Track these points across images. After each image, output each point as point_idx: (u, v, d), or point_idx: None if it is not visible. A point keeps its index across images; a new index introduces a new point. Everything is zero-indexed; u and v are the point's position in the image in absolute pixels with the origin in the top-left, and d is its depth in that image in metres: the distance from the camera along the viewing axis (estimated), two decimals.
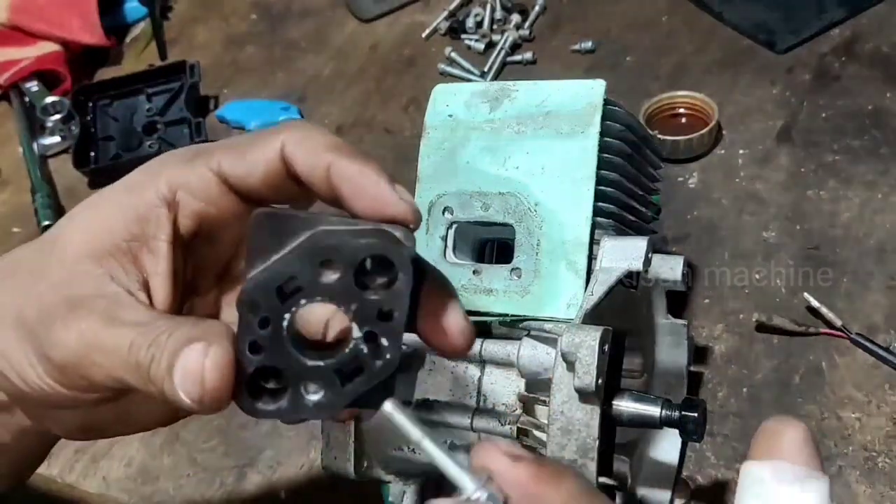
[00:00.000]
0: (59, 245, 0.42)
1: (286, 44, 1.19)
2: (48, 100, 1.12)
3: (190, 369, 0.36)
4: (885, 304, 0.75)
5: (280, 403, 0.37)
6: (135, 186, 0.42)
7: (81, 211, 0.43)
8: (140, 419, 0.47)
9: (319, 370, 0.36)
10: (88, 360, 0.39)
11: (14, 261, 0.44)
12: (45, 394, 0.41)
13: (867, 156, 0.86)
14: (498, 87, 0.60)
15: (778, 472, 0.35)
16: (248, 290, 0.36)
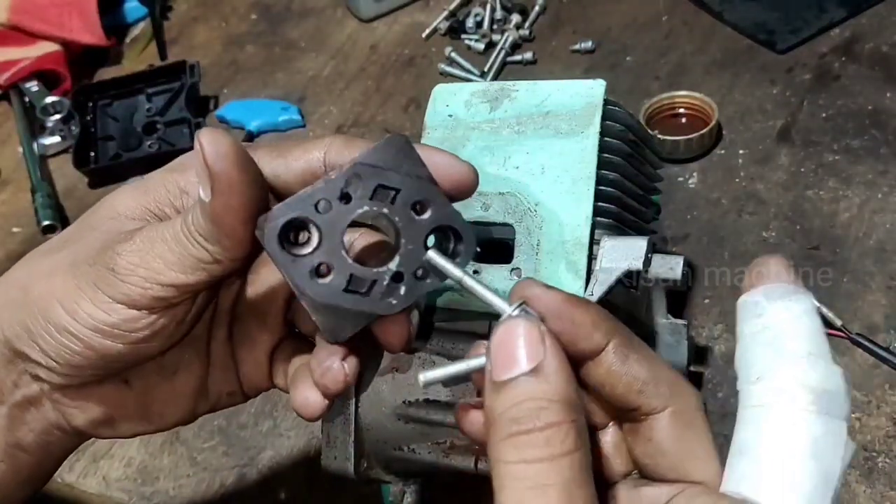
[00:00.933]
0: (104, 208, 0.46)
1: (286, 44, 1.19)
2: (48, 100, 1.12)
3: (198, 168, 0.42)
4: (885, 304, 0.75)
5: (305, 251, 0.39)
6: (178, 167, 0.47)
7: (126, 186, 0.47)
8: (162, 413, 0.49)
9: (344, 263, 0.40)
10: (151, 255, 0.42)
11: (60, 237, 0.47)
12: (103, 330, 0.43)
13: (867, 156, 0.86)
14: (498, 87, 0.60)
15: (769, 292, 0.39)
16: (363, 161, 0.39)
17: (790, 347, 0.37)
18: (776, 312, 0.38)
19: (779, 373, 0.37)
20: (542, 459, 0.34)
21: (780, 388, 0.37)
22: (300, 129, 1.06)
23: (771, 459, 0.36)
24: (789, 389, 0.36)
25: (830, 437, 0.36)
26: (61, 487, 0.79)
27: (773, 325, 0.38)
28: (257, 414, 0.79)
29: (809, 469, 0.35)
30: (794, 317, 0.38)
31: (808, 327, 0.37)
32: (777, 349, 0.37)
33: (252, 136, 1.06)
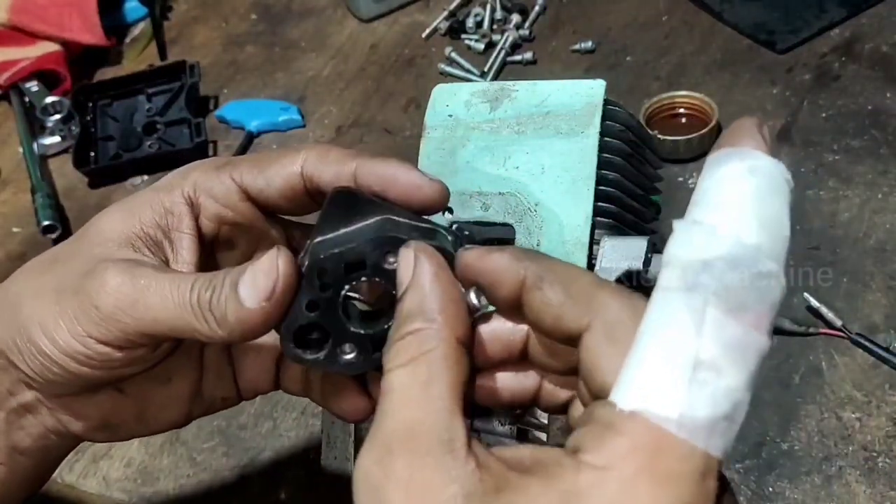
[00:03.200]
0: (92, 230, 0.46)
1: (286, 44, 1.19)
2: (48, 100, 1.12)
3: (261, 268, 0.41)
4: (885, 304, 0.75)
5: (318, 355, 0.42)
6: (164, 186, 0.47)
7: (114, 206, 0.47)
8: (157, 416, 0.49)
9: (359, 336, 0.42)
10: (141, 304, 0.42)
11: (51, 252, 0.48)
12: (78, 358, 0.43)
13: (867, 156, 0.86)
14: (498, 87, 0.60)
15: (727, 154, 0.33)
16: (318, 257, 0.41)
17: (701, 217, 0.32)
18: (710, 174, 0.33)
19: (674, 249, 0.33)
20: (396, 367, 0.36)
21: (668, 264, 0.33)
22: (300, 130, 1.07)
23: (655, 364, 0.32)
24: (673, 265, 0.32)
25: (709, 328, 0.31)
26: (61, 488, 0.79)
27: (703, 187, 0.33)
28: (257, 415, 0.79)
29: (686, 376, 0.30)
30: (723, 179, 0.33)
31: (737, 192, 0.32)
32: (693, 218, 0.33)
33: (252, 136, 1.07)
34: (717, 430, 0.30)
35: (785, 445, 0.68)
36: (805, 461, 0.67)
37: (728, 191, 0.32)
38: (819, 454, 0.68)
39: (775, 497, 0.66)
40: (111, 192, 1.06)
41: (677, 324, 0.31)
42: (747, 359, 0.31)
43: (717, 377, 0.30)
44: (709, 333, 0.30)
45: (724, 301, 0.31)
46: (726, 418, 0.30)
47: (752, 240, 0.31)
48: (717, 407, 0.30)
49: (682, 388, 0.30)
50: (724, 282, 0.31)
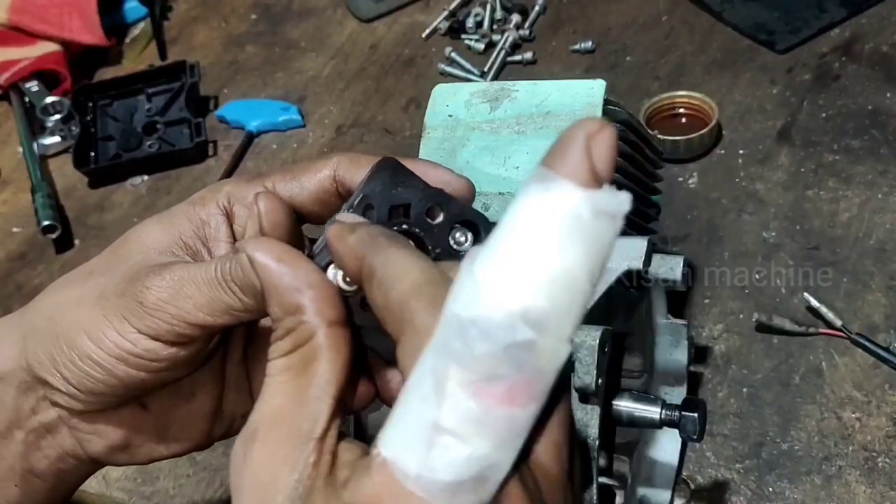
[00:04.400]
0: (131, 242, 0.48)
1: (286, 44, 1.19)
2: (48, 100, 1.12)
3: (251, 216, 0.43)
4: (884, 304, 0.75)
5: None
6: (199, 200, 0.48)
7: (151, 219, 0.48)
8: (178, 434, 0.50)
9: None
10: (181, 294, 0.43)
11: (85, 267, 0.49)
12: (126, 359, 0.44)
13: (867, 156, 0.86)
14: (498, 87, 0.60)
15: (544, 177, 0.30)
16: (369, 192, 0.41)
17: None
18: (513, 205, 0.30)
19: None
20: (287, 351, 0.37)
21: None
22: (300, 129, 1.07)
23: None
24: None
25: None
26: None
27: (501, 222, 0.30)
28: None
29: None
30: (518, 217, 0.29)
31: (525, 237, 0.29)
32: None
33: (252, 135, 1.07)
34: (461, 491, 0.29)
35: (785, 445, 0.68)
36: (805, 461, 0.67)
37: (517, 234, 0.29)
38: (819, 454, 0.68)
39: (775, 497, 0.66)
40: (111, 191, 1.06)
41: (423, 386, 0.30)
42: (498, 430, 0.29)
43: (461, 444, 0.29)
44: (447, 405, 0.29)
45: (469, 371, 0.29)
46: (474, 481, 0.29)
47: (516, 304, 0.28)
48: (459, 472, 0.29)
49: (421, 450, 0.30)
50: (472, 351, 0.29)
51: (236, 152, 1.05)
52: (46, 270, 0.98)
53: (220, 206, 0.48)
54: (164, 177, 1.06)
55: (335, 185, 0.47)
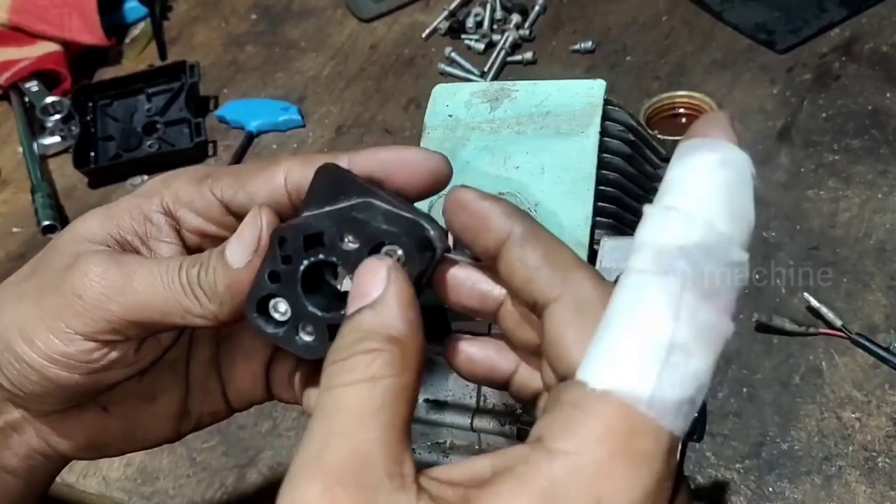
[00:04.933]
0: (67, 234, 0.45)
1: (286, 44, 1.19)
2: (48, 100, 1.12)
3: (246, 223, 0.41)
4: (885, 304, 0.75)
5: (277, 330, 0.41)
6: (145, 193, 0.46)
7: (92, 211, 0.46)
8: (145, 435, 0.49)
9: (317, 318, 0.40)
10: (128, 288, 0.41)
11: (29, 264, 0.46)
12: (57, 360, 0.42)
13: (867, 155, 0.86)
14: (498, 87, 0.60)
15: (693, 146, 0.35)
16: (282, 227, 0.41)
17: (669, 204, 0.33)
18: (682, 162, 0.34)
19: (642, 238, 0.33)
20: (350, 383, 0.33)
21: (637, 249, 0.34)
22: (300, 129, 1.07)
23: (618, 343, 0.32)
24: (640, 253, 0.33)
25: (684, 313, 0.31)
26: (61, 488, 0.79)
27: (674, 175, 0.34)
28: (257, 414, 0.79)
29: (659, 355, 0.31)
30: (695, 168, 0.34)
31: (709, 182, 0.33)
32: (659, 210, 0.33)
33: (252, 135, 1.07)
34: (682, 411, 0.31)
35: (785, 445, 0.68)
36: (805, 461, 0.67)
37: (700, 180, 0.33)
38: (819, 454, 0.68)
39: (775, 497, 0.66)
40: (111, 192, 1.06)
41: (653, 306, 0.31)
42: (715, 343, 0.31)
43: (688, 360, 0.31)
44: (684, 317, 0.31)
45: (699, 286, 0.31)
46: (690, 400, 0.31)
47: (724, 228, 0.32)
48: (685, 389, 0.30)
49: (654, 370, 0.30)
50: (699, 268, 0.31)
51: (236, 152, 1.05)
52: None
53: (163, 206, 0.45)
54: None
55: (288, 194, 0.43)
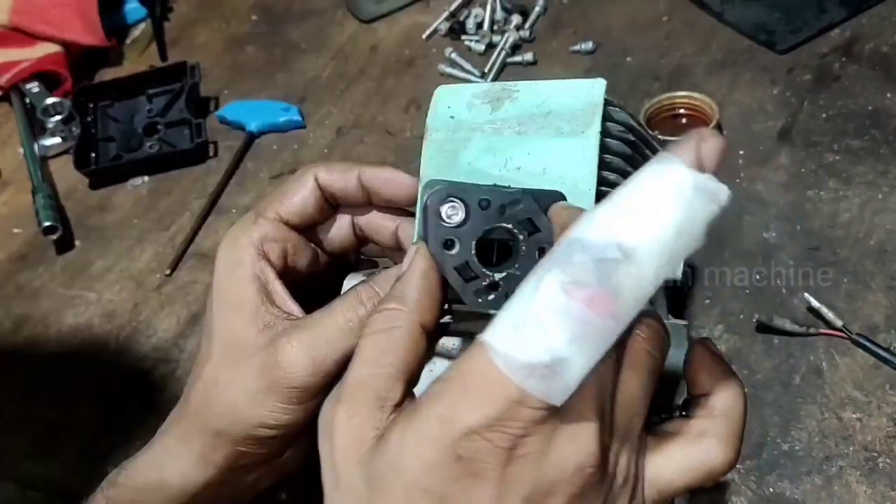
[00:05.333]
0: (215, 330, 0.53)
1: (287, 45, 1.19)
2: (49, 101, 1.12)
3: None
4: (885, 304, 0.75)
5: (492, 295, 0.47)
6: (235, 267, 0.53)
7: (219, 309, 0.54)
8: None
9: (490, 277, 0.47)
10: (324, 348, 0.50)
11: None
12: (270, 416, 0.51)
13: (867, 156, 0.86)
14: (500, 88, 0.60)
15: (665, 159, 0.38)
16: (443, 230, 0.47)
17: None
18: (637, 173, 0.37)
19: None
20: (368, 333, 0.44)
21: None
22: (301, 130, 1.07)
23: None
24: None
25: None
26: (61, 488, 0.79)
27: (626, 182, 0.37)
28: None
29: None
30: (637, 179, 0.37)
31: (636, 193, 0.36)
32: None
33: (253, 136, 1.07)
34: (534, 375, 0.35)
35: (785, 446, 0.69)
36: (805, 461, 0.67)
37: (631, 190, 0.37)
38: (819, 454, 0.68)
39: (776, 497, 0.66)
40: (112, 192, 1.06)
41: (529, 285, 0.36)
42: (572, 326, 0.35)
43: (542, 332, 0.35)
44: (540, 296, 0.35)
45: (564, 274, 0.35)
46: (545, 368, 0.35)
47: (614, 234, 0.36)
48: (536, 356, 0.35)
49: (511, 333, 0.36)
50: (571, 258, 0.36)
51: (237, 153, 1.05)
52: (47, 271, 0.98)
53: (254, 259, 0.53)
54: (165, 178, 1.06)
55: (321, 193, 0.55)
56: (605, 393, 0.39)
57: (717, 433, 0.43)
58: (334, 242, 0.58)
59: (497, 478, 0.37)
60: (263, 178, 1.03)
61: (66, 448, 0.81)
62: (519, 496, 0.37)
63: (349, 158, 1.02)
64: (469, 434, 0.37)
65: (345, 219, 0.58)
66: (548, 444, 0.37)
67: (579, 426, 0.38)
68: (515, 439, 0.37)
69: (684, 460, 0.42)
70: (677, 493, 0.43)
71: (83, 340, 0.90)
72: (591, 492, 0.38)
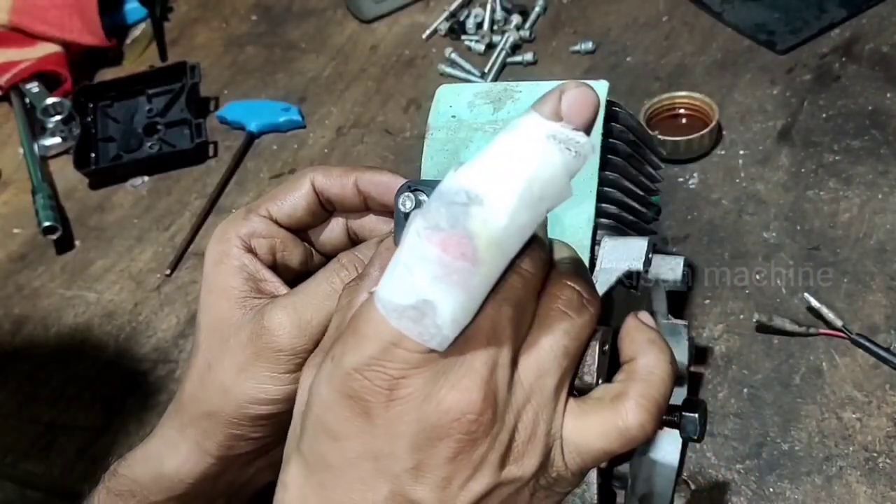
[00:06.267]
0: (204, 320, 0.55)
1: (286, 45, 1.19)
2: (49, 101, 1.12)
3: None
4: (885, 305, 0.75)
5: None
6: (222, 258, 0.55)
7: (207, 299, 0.55)
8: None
9: None
10: (310, 309, 0.52)
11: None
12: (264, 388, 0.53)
13: (867, 156, 0.86)
14: (501, 88, 0.60)
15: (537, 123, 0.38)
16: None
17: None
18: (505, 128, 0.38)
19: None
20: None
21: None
22: (301, 130, 1.07)
23: None
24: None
25: None
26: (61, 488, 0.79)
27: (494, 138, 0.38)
28: None
29: None
30: (500, 135, 0.38)
31: (494, 146, 0.38)
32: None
33: (253, 136, 1.07)
34: (405, 316, 0.38)
35: (785, 446, 0.69)
36: (805, 461, 0.67)
37: (490, 145, 0.38)
38: (819, 454, 0.68)
39: (776, 497, 0.66)
40: (112, 192, 1.06)
41: (403, 237, 0.38)
42: (431, 268, 0.37)
43: (407, 274, 0.37)
44: (405, 243, 0.38)
45: (423, 220, 0.37)
46: (414, 310, 0.37)
47: (464, 182, 0.37)
48: (405, 298, 0.37)
49: (387, 279, 0.38)
50: (429, 206, 0.37)
51: (237, 153, 1.05)
52: (47, 272, 0.98)
53: (241, 252, 0.55)
54: (165, 178, 1.06)
55: (316, 196, 0.56)
56: (500, 345, 0.40)
57: (634, 396, 0.43)
58: (327, 244, 0.59)
59: (383, 417, 0.39)
60: (263, 178, 1.03)
61: (66, 448, 0.81)
62: (405, 437, 0.39)
63: (349, 158, 1.02)
64: (352, 373, 0.39)
65: (339, 221, 0.58)
66: (430, 388, 0.38)
67: (462, 372, 0.39)
68: (394, 380, 0.38)
69: (601, 423, 0.42)
70: (599, 457, 0.43)
71: (83, 340, 0.90)
72: (482, 442, 0.39)
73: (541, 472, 0.41)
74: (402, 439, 0.39)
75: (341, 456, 0.40)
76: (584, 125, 0.38)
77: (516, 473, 0.40)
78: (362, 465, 0.40)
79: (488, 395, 0.39)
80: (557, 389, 0.42)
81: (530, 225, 0.37)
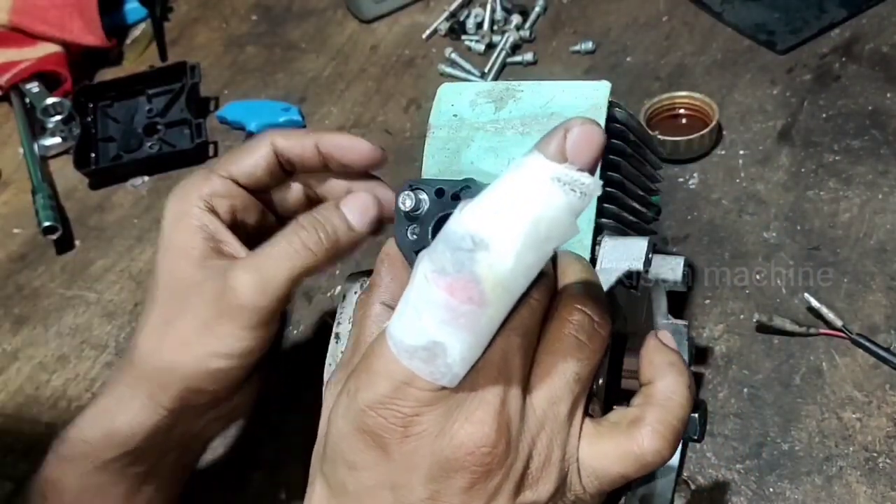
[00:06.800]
0: (161, 278, 0.57)
1: (286, 44, 1.19)
2: (49, 101, 1.12)
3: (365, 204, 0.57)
4: (885, 305, 0.75)
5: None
6: (182, 217, 0.56)
7: (165, 253, 0.57)
8: None
9: None
10: (271, 269, 0.54)
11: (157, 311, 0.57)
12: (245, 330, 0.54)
13: (867, 156, 0.86)
14: (503, 87, 0.60)
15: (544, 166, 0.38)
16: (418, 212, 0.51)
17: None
18: (510, 167, 0.38)
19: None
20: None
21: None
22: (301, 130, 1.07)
23: None
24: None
25: None
26: None
27: (500, 176, 0.38)
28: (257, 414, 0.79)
29: None
30: (506, 174, 0.38)
31: (499, 186, 0.37)
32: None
33: (253, 136, 1.06)
34: (416, 357, 0.38)
35: (785, 446, 0.69)
36: (805, 461, 0.67)
37: (495, 186, 0.38)
38: (820, 454, 0.68)
39: (776, 497, 0.66)
40: (112, 192, 1.06)
41: (412, 279, 0.39)
42: (438, 311, 0.37)
43: (416, 316, 0.38)
44: (414, 285, 0.38)
45: (430, 263, 0.37)
46: (424, 351, 0.38)
47: (471, 227, 0.37)
48: (415, 339, 0.38)
49: (398, 319, 0.39)
50: (436, 249, 0.37)
51: None
52: (47, 271, 0.98)
53: (204, 211, 0.56)
54: (165, 178, 1.06)
55: (276, 158, 0.58)
56: (511, 375, 0.40)
57: (651, 421, 0.43)
58: (286, 206, 0.61)
59: (398, 452, 0.39)
60: None
61: None
62: (421, 470, 0.39)
63: None
64: (366, 410, 0.40)
65: (297, 184, 0.61)
66: (443, 423, 0.39)
67: (474, 405, 0.39)
68: (407, 417, 0.39)
69: (617, 448, 0.43)
70: (616, 480, 0.43)
71: (83, 341, 0.90)
72: (496, 473, 0.39)
73: (557, 496, 0.42)
74: (417, 472, 0.39)
75: (360, 484, 0.41)
76: (588, 165, 0.37)
77: (531, 499, 0.41)
78: (380, 494, 0.40)
79: (501, 426, 0.39)
80: (571, 414, 0.42)
81: (537, 264, 0.37)
